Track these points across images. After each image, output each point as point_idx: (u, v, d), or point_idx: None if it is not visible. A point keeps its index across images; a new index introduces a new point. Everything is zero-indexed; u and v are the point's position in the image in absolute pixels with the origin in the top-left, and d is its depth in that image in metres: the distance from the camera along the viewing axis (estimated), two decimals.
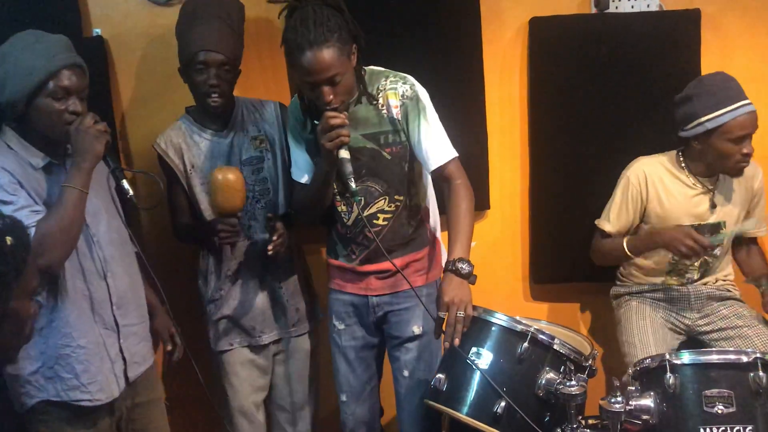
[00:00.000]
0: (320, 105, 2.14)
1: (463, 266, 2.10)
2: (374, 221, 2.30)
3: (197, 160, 2.48)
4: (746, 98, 2.46)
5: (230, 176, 2.29)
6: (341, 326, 2.46)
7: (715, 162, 2.53)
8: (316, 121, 2.21)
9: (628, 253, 2.62)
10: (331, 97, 2.10)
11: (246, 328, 2.55)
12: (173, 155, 2.48)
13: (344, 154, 2.13)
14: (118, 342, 2.16)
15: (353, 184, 2.13)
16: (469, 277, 2.12)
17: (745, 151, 2.46)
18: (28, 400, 2.05)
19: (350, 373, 2.47)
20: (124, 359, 2.18)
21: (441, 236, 2.49)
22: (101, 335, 2.12)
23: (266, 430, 2.69)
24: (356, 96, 2.24)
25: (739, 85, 2.49)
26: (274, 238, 2.37)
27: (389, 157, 2.26)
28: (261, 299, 2.54)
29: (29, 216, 1.92)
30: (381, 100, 2.24)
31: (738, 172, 2.53)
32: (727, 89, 2.47)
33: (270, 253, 2.37)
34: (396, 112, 2.23)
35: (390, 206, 2.31)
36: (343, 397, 2.50)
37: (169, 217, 2.59)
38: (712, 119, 2.45)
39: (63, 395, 2.06)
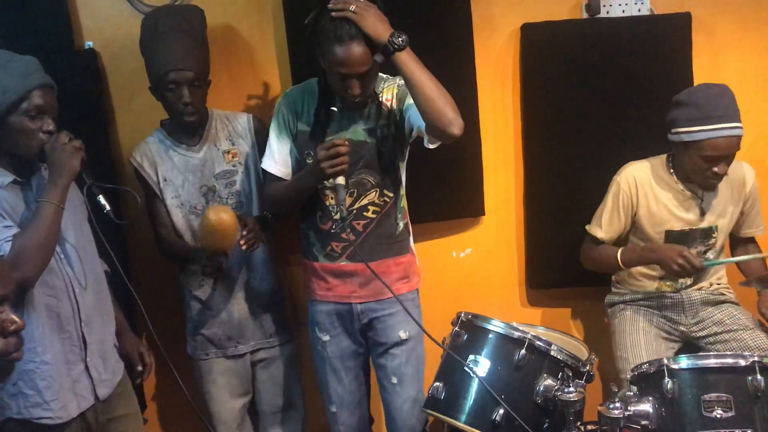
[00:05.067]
0: (346, 96, 2.21)
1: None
2: (364, 213, 2.33)
3: (170, 173, 2.49)
4: (733, 120, 2.40)
5: (224, 216, 2.28)
6: (326, 337, 2.45)
7: (688, 171, 2.53)
8: (333, 108, 2.28)
9: (622, 265, 2.62)
10: (359, 90, 2.17)
11: (221, 340, 2.55)
12: (148, 168, 2.50)
13: (341, 180, 2.18)
14: (84, 360, 2.13)
15: (344, 210, 2.19)
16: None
17: (715, 170, 2.44)
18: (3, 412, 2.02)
19: (338, 384, 2.47)
20: (90, 377, 2.14)
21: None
22: (67, 352, 2.09)
23: None
24: None
25: (731, 102, 2.43)
26: (244, 233, 2.36)
27: (385, 150, 2.31)
28: (236, 312, 2.54)
29: (2, 231, 1.92)
30: (380, 98, 2.32)
31: (708, 186, 2.54)
32: (715, 107, 2.41)
33: (243, 248, 2.35)
34: (392, 104, 2.31)
35: (380, 200, 2.34)
36: (333, 408, 2.50)
37: (149, 229, 2.60)
38: (688, 133, 2.43)
39: (24, 413, 2.01)
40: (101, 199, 2.09)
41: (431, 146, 2.25)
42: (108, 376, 2.21)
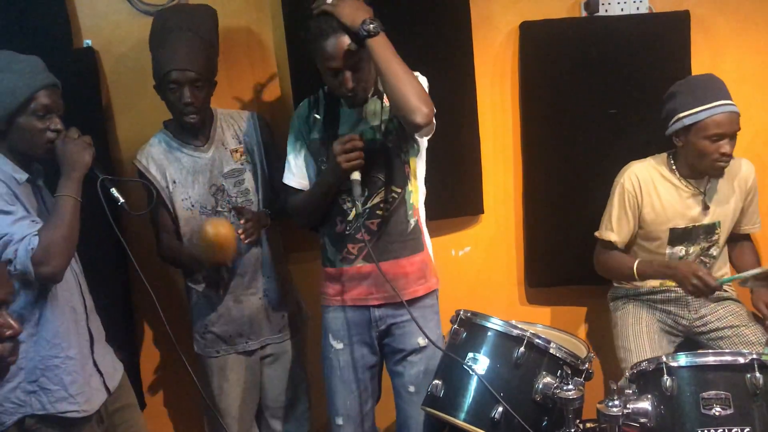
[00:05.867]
0: (341, 92, 2.21)
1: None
2: (377, 212, 2.32)
3: (179, 175, 2.48)
4: (727, 98, 2.47)
5: (222, 231, 2.28)
6: (339, 345, 2.40)
7: (695, 161, 2.55)
8: (317, 115, 2.28)
9: (637, 277, 2.63)
10: (353, 84, 2.17)
11: (232, 337, 2.55)
12: (155, 171, 2.48)
13: (356, 176, 2.18)
14: (92, 355, 2.17)
15: (360, 208, 2.18)
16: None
17: (722, 150, 2.47)
18: (6, 418, 2.02)
19: (347, 396, 2.41)
20: (99, 371, 2.18)
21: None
22: (82, 347, 2.13)
23: None
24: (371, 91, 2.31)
25: (723, 85, 2.50)
26: (242, 221, 2.37)
27: (390, 146, 2.31)
28: (247, 308, 2.54)
29: (31, 225, 1.95)
30: (383, 94, 2.29)
31: (717, 171, 2.54)
32: (708, 88, 2.49)
33: (242, 237, 2.36)
34: None
35: (389, 196, 2.33)
36: (339, 421, 2.43)
37: (148, 228, 2.59)
38: (689, 115, 2.48)
39: (50, 407, 2.04)
40: (114, 191, 2.12)
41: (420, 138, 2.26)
42: (111, 369, 2.25)
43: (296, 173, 2.39)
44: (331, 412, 2.46)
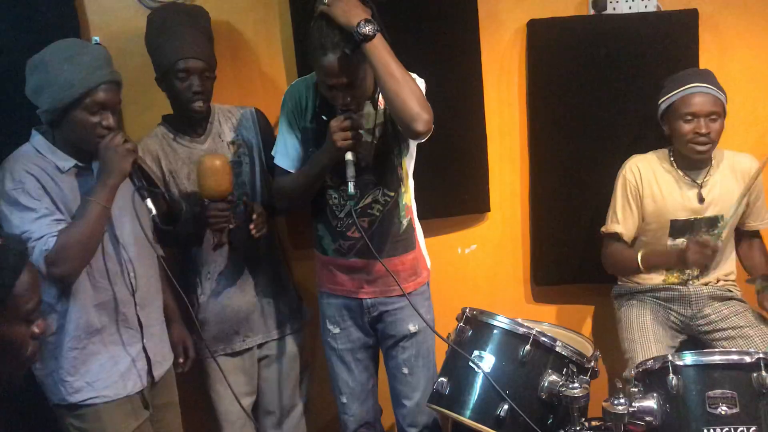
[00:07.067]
0: (335, 103, 2.18)
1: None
2: (369, 211, 2.32)
3: (175, 166, 2.49)
4: (704, 83, 2.53)
5: (217, 162, 2.29)
6: (336, 330, 2.46)
7: (680, 146, 2.60)
8: (324, 117, 2.25)
9: (642, 267, 2.63)
10: (348, 100, 2.15)
11: (228, 335, 2.55)
12: (150, 162, 2.48)
13: (350, 156, 2.15)
14: (142, 341, 2.21)
15: (352, 188, 2.13)
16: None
17: (696, 130, 2.52)
18: (52, 396, 2.13)
19: (348, 376, 2.49)
20: (148, 358, 2.22)
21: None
22: (123, 334, 2.17)
23: None
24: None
25: (705, 75, 2.57)
26: (254, 217, 2.37)
27: (383, 147, 2.31)
28: (242, 304, 2.54)
29: (51, 225, 1.97)
30: (377, 97, 2.29)
31: (696, 153, 2.56)
32: (686, 75, 2.60)
33: (253, 233, 2.36)
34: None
35: (383, 198, 2.33)
36: (343, 399, 2.51)
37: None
38: (665, 100, 2.59)
39: (69, 398, 2.10)
40: (149, 203, 2.11)
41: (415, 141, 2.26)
42: (161, 359, 2.29)
43: (290, 155, 2.37)
44: (335, 391, 2.54)
